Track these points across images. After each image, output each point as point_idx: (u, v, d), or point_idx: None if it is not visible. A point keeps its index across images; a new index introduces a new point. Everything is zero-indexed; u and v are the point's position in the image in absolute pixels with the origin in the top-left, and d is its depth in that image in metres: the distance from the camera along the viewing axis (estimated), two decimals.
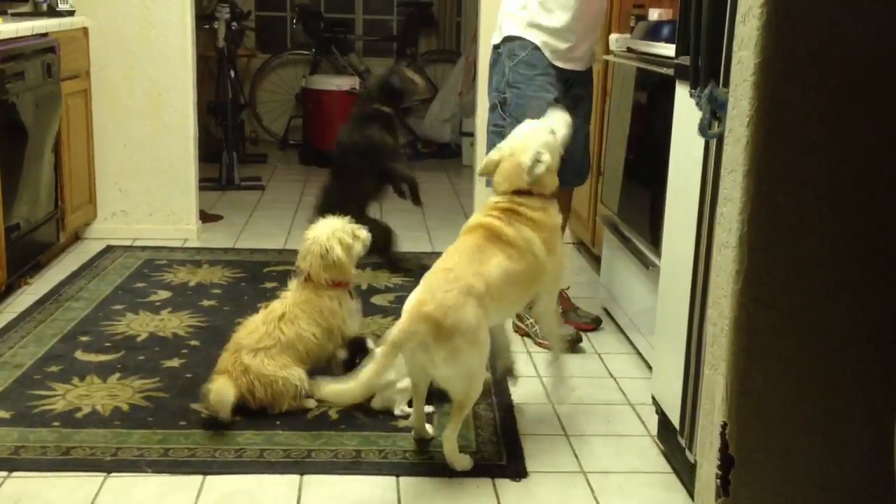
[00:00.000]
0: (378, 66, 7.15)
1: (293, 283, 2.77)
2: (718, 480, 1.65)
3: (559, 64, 3.16)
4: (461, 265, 2.32)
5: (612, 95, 3.61)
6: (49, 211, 3.83)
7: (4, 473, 2.29)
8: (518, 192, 2.48)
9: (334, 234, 2.71)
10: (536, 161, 2.46)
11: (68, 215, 4.03)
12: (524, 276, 2.42)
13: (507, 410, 2.68)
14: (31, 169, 3.63)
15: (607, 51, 3.67)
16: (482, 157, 4.47)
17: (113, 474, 2.30)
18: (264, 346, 2.61)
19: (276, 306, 2.71)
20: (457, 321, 2.19)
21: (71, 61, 4.04)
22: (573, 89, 3.23)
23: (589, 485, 2.32)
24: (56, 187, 3.90)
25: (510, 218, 2.44)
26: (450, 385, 2.30)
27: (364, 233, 2.80)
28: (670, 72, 2.65)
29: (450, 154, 6.67)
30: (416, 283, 2.35)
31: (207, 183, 5.19)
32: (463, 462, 2.34)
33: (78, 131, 4.14)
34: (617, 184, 3.41)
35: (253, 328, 2.66)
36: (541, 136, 2.53)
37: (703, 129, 2.05)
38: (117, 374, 2.84)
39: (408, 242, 4.14)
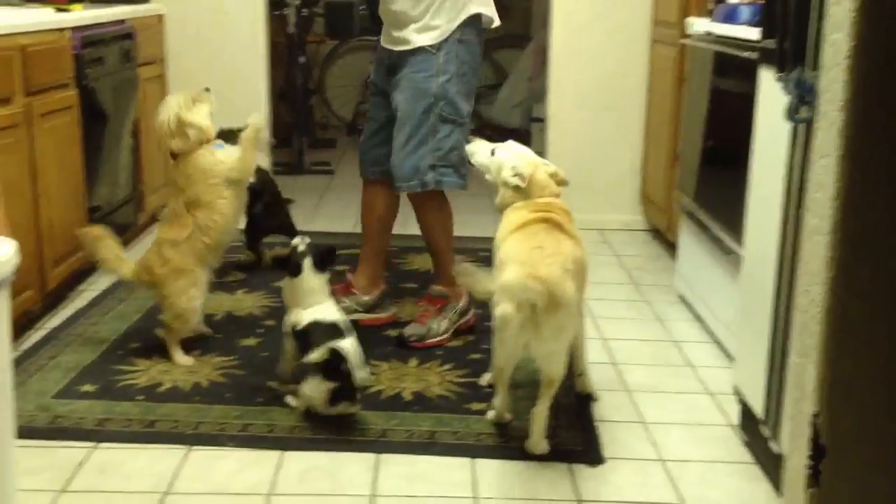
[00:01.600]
0: None
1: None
2: (809, 470, 1.62)
3: (382, 42, 3.04)
4: (549, 244, 2.31)
5: (689, 80, 3.55)
6: (128, 193, 3.91)
7: (92, 444, 2.36)
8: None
9: (174, 113, 2.92)
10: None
11: (146, 197, 4.13)
12: (584, 267, 2.42)
13: (584, 397, 2.67)
14: (110, 152, 3.71)
15: (683, 35, 3.61)
16: (552, 143, 4.49)
17: (195, 447, 2.36)
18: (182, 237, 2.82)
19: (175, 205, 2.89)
20: (563, 293, 2.20)
21: (147, 47, 4.12)
22: (395, 75, 2.99)
23: (667, 473, 2.30)
24: (134, 170, 3.99)
25: (564, 215, 2.47)
26: (550, 360, 2.29)
27: (205, 93, 2.95)
28: (751, 55, 2.61)
29: (518, 140, 6.60)
30: None
31: (279, 167, 5.26)
32: (542, 445, 2.34)
33: (154, 116, 4.21)
34: (694, 170, 3.36)
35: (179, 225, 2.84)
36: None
37: (791, 113, 2.01)
38: (196, 352, 2.91)
39: (476, 228, 4.13)
